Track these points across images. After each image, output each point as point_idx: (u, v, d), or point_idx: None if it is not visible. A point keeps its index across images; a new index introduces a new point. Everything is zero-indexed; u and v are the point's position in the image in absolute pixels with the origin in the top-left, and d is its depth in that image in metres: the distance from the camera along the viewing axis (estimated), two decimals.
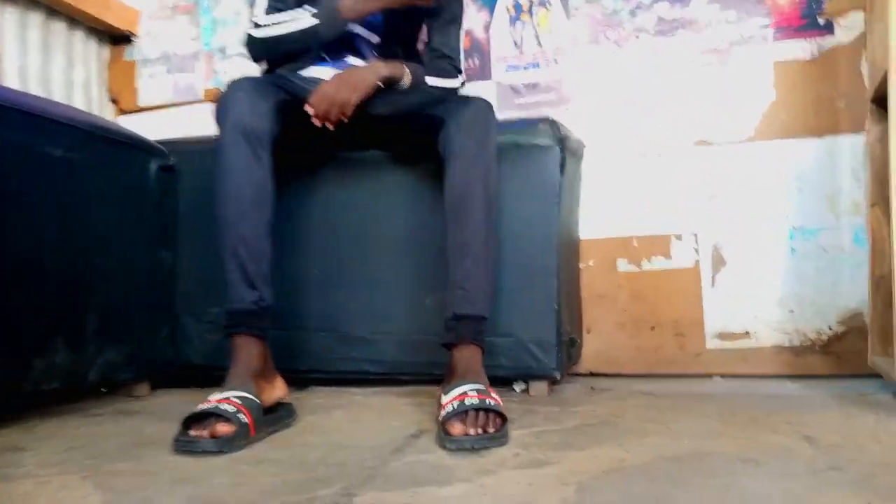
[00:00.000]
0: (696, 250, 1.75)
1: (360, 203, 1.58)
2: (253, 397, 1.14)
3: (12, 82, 1.87)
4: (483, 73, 1.92)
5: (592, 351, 1.77)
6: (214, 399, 1.11)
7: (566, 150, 1.52)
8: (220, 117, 1.23)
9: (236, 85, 1.26)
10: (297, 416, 1.28)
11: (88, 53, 2.15)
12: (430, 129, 1.35)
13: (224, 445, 1.04)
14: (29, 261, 1.30)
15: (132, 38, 2.23)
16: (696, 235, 1.75)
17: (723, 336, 1.73)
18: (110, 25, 2.14)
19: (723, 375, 1.72)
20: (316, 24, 1.43)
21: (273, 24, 1.45)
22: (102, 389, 1.61)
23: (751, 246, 1.72)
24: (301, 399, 1.47)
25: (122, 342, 1.52)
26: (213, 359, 1.60)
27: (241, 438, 1.07)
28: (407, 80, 1.45)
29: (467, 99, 1.37)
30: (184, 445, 1.04)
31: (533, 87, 1.88)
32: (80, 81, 2.11)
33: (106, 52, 2.24)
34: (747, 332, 1.72)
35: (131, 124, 2.19)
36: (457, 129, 1.28)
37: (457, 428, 1.04)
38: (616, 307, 1.78)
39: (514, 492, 0.80)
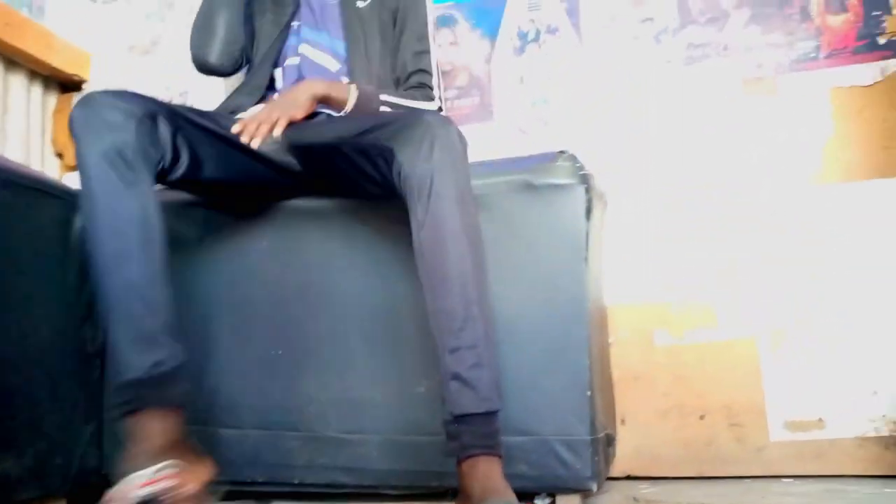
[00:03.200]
0: (751, 317, 1.42)
1: (326, 264, 1.25)
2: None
3: None
4: (483, 112, 1.64)
5: (629, 448, 1.41)
6: (138, 482, 0.85)
7: (591, 190, 1.21)
8: (78, 131, 0.95)
9: (100, 92, 0.99)
10: None
11: (30, 100, 1.87)
12: (381, 162, 1.05)
13: None
14: None
15: (83, 85, 1.95)
16: (748, 298, 1.42)
17: (790, 425, 1.38)
18: (56, 69, 1.87)
19: (794, 477, 1.36)
20: None
21: None
22: None
23: (817, 311, 1.39)
24: None
25: (25, 446, 1.16)
26: None
27: None
28: (351, 100, 1.18)
29: (415, 115, 1.04)
30: None
31: (543, 125, 1.60)
32: (16, 132, 1.81)
33: (52, 99, 1.96)
34: (821, 420, 1.37)
35: (77, 184, 1.91)
36: (410, 158, 0.97)
37: None
38: (656, 391, 1.43)
39: None
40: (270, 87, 1.32)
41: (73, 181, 1.90)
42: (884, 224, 1.38)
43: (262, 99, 1.30)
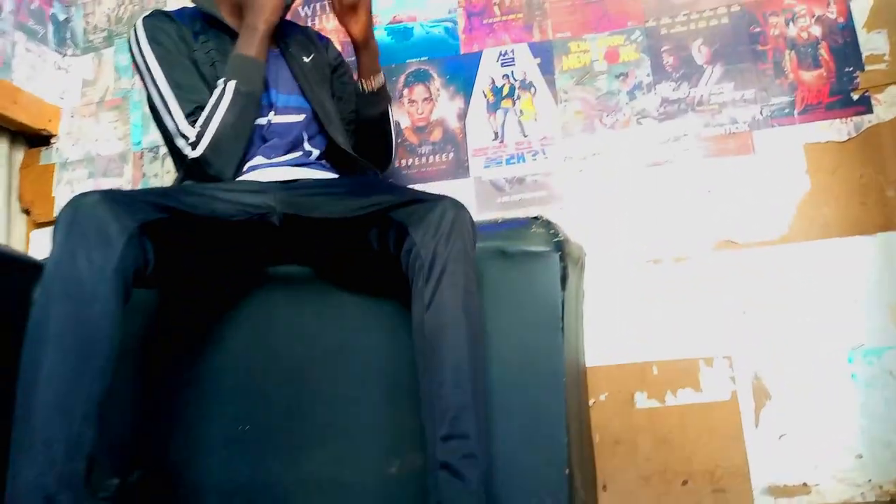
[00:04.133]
0: (732, 378, 1.39)
1: (296, 334, 1.21)
2: None
3: None
4: (459, 168, 1.61)
5: None
6: None
7: (567, 256, 1.18)
8: (63, 237, 0.87)
9: (86, 196, 0.90)
10: None
11: None
12: (390, 237, 1.05)
13: None
14: None
15: (51, 139, 1.92)
16: (729, 359, 1.39)
17: (774, 490, 1.34)
18: (23, 125, 1.83)
19: None
20: (237, 84, 1.16)
21: (201, 126, 1.15)
22: None
23: (800, 372, 1.36)
24: None
25: None
26: None
27: None
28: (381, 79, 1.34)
29: (434, 199, 1.05)
30: None
31: (518, 182, 1.57)
32: None
33: (19, 154, 1.92)
34: (805, 485, 1.33)
35: (44, 240, 1.86)
36: (424, 239, 0.98)
37: None
38: (637, 455, 1.39)
39: None
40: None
41: (40, 238, 1.88)
42: (866, 281, 1.36)
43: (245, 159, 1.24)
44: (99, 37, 1.94)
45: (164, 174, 1.79)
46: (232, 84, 1.15)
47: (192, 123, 1.15)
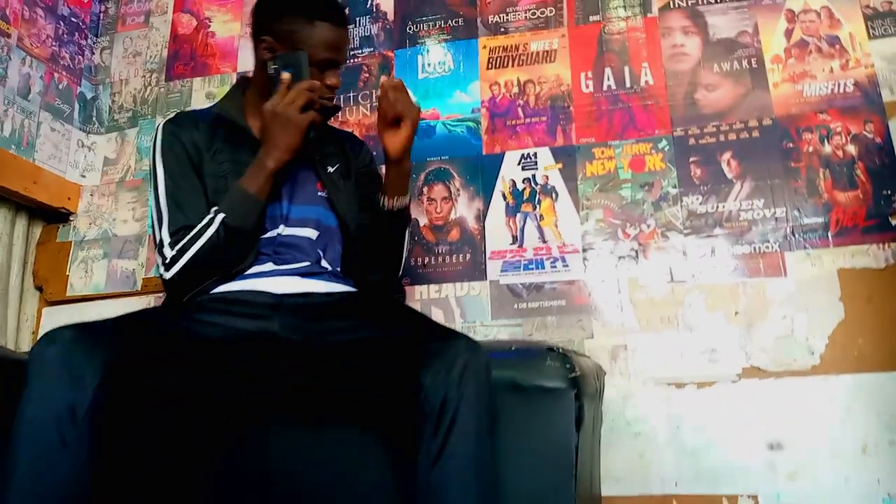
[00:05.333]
0: None
1: (292, 466, 1.14)
2: None
3: None
4: (475, 270, 1.56)
5: None
6: None
7: (583, 394, 1.11)
8: (35, 374, 0.83)
9: (61, 332, 0.86)
10: None
11: (13, 234, 1.82)
12: (394, 379, 0.98)
13: None
14: None
15: (70, 217, 1.91)
16: (755, 499, 1.30)
17: None
18: (42, 203, 1.83)
19: None
20: (225, 217, 1.10)
21: (178, 250, 1.11)
22: None
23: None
24: None
25: None
26: None
27: None
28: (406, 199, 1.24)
29: (447, 336, 0.98)
30: None
31: (537, 289, 1.52)
32: None
33: (37, 231, 1.91)
34: None
35: (55, 318, 1.83)
36: (435, 382, 0.90)
37: None
38: None
39: None
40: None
41: (52, 316, 1.86)
42: None
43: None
44: (124, 116, 1.94)
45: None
46: (220, 217, 1.10)
47: (174, 244, 1.12)
